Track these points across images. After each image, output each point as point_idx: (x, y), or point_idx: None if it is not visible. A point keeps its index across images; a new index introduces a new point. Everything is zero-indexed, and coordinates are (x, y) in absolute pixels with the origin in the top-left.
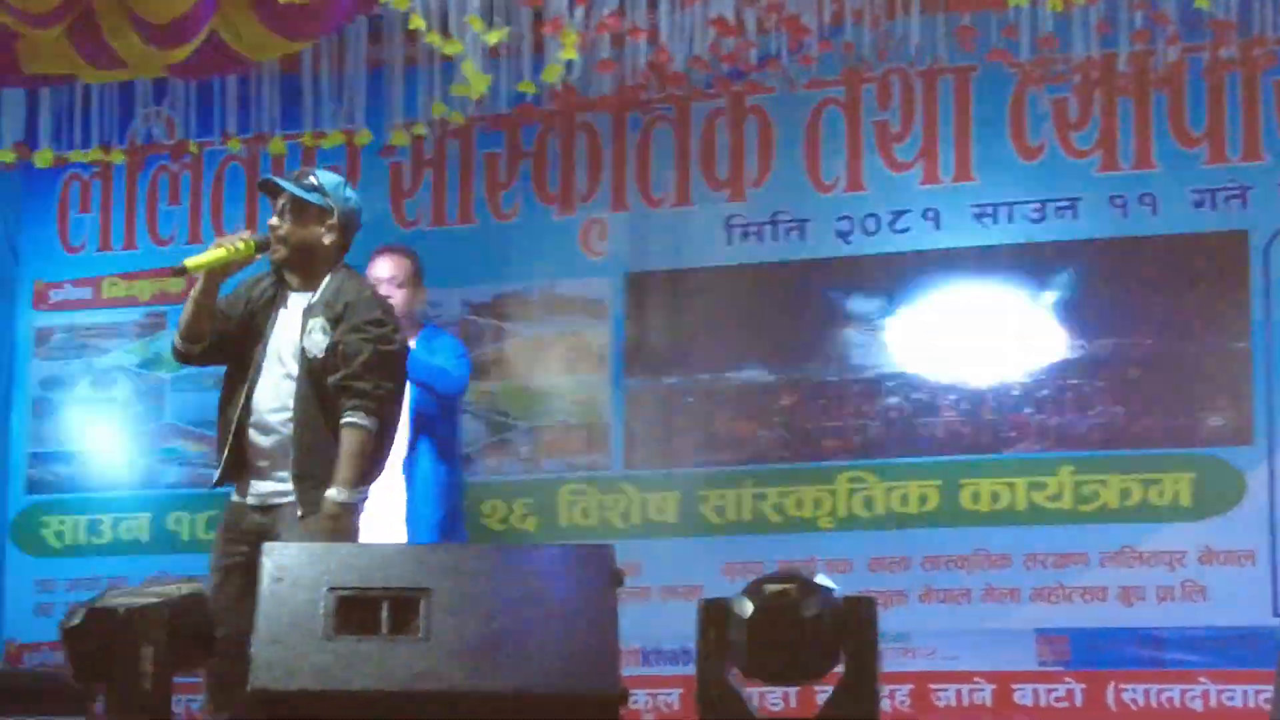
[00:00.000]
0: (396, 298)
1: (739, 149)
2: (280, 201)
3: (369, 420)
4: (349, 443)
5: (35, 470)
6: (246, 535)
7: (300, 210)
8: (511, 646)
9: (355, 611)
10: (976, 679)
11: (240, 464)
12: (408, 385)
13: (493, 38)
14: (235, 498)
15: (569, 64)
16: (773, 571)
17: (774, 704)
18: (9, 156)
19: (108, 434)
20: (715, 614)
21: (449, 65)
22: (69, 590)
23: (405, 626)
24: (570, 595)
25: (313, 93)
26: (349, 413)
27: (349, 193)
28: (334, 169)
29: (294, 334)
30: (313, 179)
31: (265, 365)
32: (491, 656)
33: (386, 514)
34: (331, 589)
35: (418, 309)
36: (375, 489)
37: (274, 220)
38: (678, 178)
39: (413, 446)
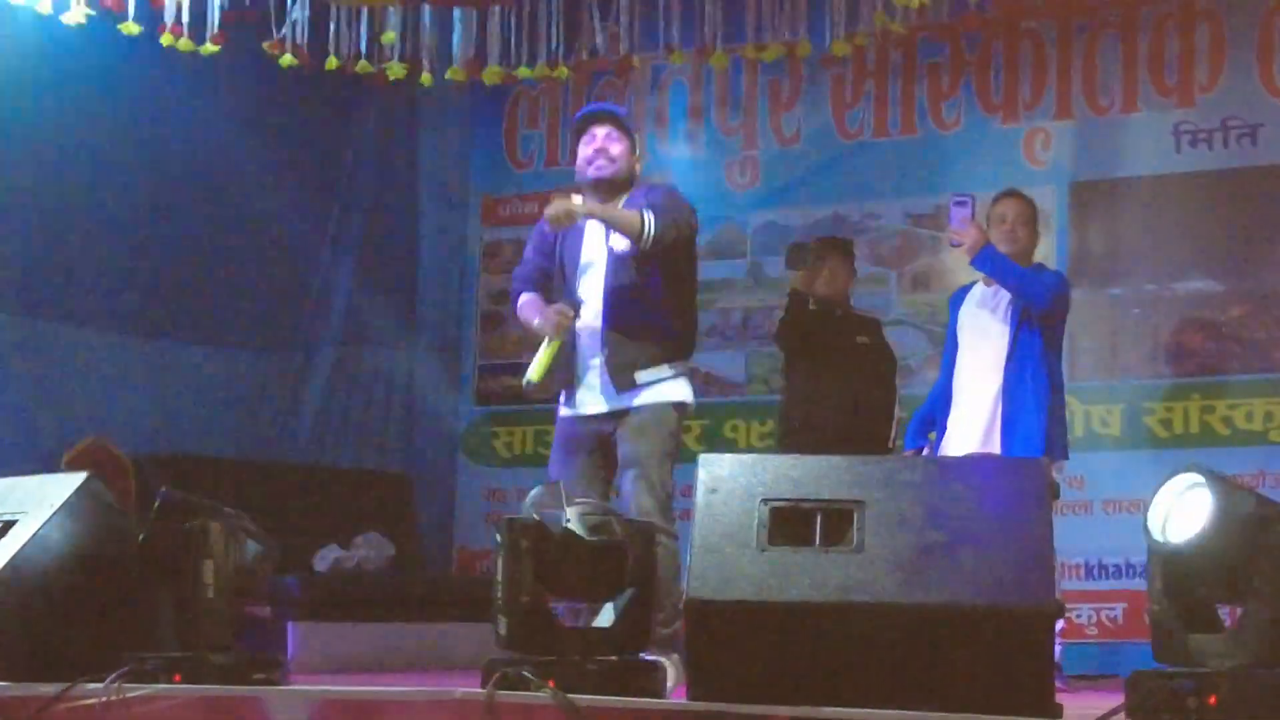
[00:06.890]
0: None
1: (1188, 54)
2: (608, 129)
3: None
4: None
5: (484, 383)
6: (584, 444)
7: (626, 138)
8: (945, 559)
9: (789, 523)
10: None
11: (571, 377)
12: None
13: None
14: (565, 411)
15: None
16: None
17: None
18: (459, 75)
19: None
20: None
21: None
22: (518, 500)
23: (839, 538)
24: (1004, 508)
25: (755, 5)
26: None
27: None
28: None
29: (599, 240)
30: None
31: (581, 281)
32: (925, 568)
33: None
34: (765, 500)
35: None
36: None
37: (603, 144)
38: (1124, 85)
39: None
